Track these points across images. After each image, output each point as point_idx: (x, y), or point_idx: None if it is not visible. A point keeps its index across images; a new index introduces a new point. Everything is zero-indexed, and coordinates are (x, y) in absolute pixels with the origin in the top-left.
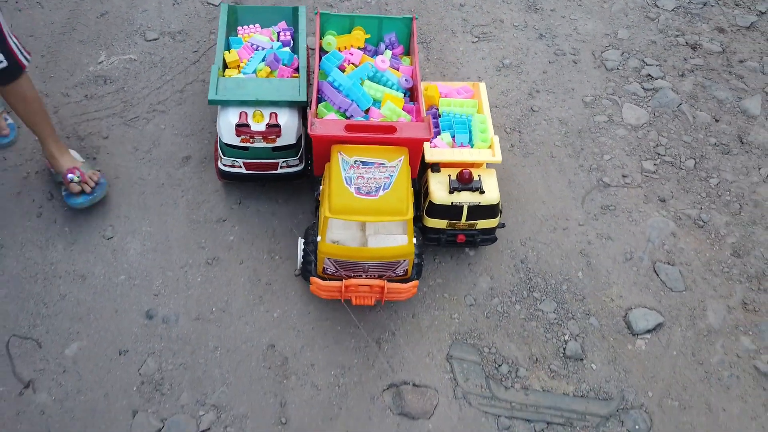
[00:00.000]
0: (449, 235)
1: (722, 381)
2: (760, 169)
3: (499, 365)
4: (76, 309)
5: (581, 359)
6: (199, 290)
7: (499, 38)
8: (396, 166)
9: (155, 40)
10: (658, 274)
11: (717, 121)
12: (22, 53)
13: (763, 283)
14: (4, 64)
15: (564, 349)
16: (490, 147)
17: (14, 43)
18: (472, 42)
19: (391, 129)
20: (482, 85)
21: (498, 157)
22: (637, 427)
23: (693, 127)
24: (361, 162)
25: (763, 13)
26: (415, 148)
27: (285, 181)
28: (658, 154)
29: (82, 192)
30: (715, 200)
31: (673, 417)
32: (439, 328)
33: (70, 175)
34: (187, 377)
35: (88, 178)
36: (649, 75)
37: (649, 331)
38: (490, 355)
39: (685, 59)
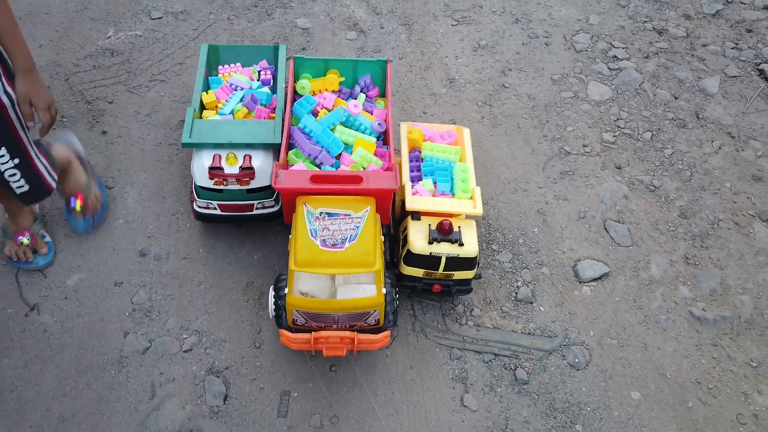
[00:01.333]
0: (425, 283)
1: (659, 324)
2: (712, 141)
3: (455, 305)
4: (77, 246)
5: (531, 302)
6: (188, 234)
7: (477, 22)
8: (362, 216)
9: (159, 18)
10: (608, 231)
11: (676, 98)
12: (50, 174)
13: (705, 241)
14: (25, 188)
15: (516, 293)
16: (471, 198)
17: (42, 164)
18: (452, 25)
19: (357, 179)
20: (466, 131)
21: (479, 210)
22: (576, 360)
23: (653, 103)
24: (327, 213)
25: (729, 2)
26: (383, 197)
27: (261, 222)
28: (618, 127)
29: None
30: (668, 168)
31: (611, 353)
32: None
33: (20, 237)
34: (173, 306)
35: (38, 245)
36: (615, 56)
37: (595, 280)
38: (449, 303)
39: (651, 43)
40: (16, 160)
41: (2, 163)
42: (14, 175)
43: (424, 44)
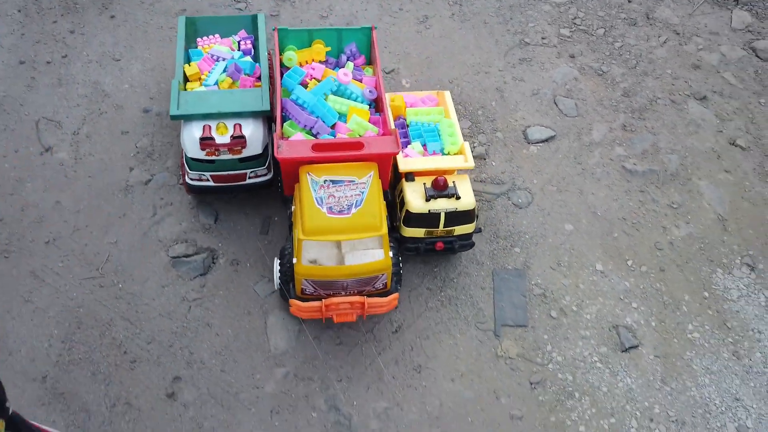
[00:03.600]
0: (427, 243)
1: (595, 175)
2: (659, 37)
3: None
4: (89, 106)
5: (484, 158)
6: None
7: None
8: (366, 182)
9: None
10: (557, 105)
11: (629, 1)
12: None
13: (643, 114)
14: None
15: (472, 150)
16: (460, 152)
17: None
18: None
19: (358, 145)
20: (447, 94)
21: (471, 163)
22: (520, 200)
23: (608, 5)
24: (331, 181)
25: None
26: (384, 162)
27: (254, 191)
28: (575, 24)
29: None
30: (617, 58)
31: (551, 196)
32: None
33: None
34: (172, 151)
35: None
36: None
37: (541, 141)
38: None
39: None
40: None
41: None
42: None
43: None
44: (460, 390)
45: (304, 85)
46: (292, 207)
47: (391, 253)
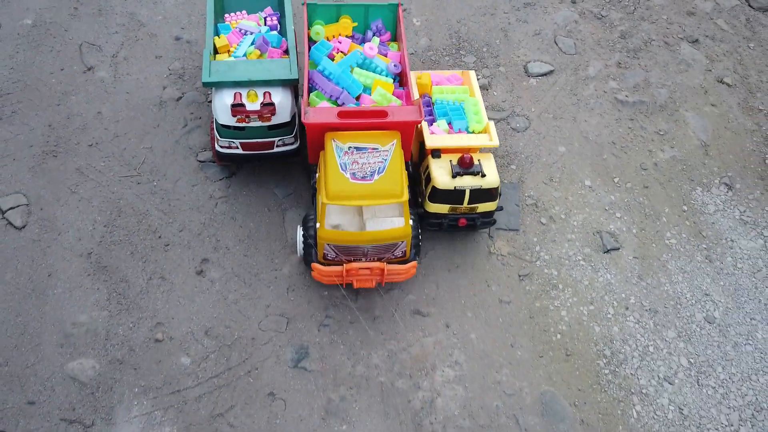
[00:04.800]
0: (451, 219)
1: (589, 105)
2: None
3: None
4: (127, 33)
5: (487, 89)
6: None
7: None
8: (389, 150)
9: None
10: (557, 44)
11: None
12: None
13: (638, 54)
14: None
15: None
16: (485, 131)
17: None
18: None
19: (382, 114)
20: (472, 73)
21: (495, 142)
22: (518, 125)
23: None
24: (355, 147)
25: None
26: (407, 131)
27: (281, 160)
28: None
29: None
30: (616, 4)
31: (547, 122)
32: None
33: None
34: (200, 74)
35: None
36: None
37: (541, 75)
38: None
39: None
40: None
41: None
42: None
43: None
44: (455, 278)
45: (331, 58)
46: (316, 175)
47: (411, 222)
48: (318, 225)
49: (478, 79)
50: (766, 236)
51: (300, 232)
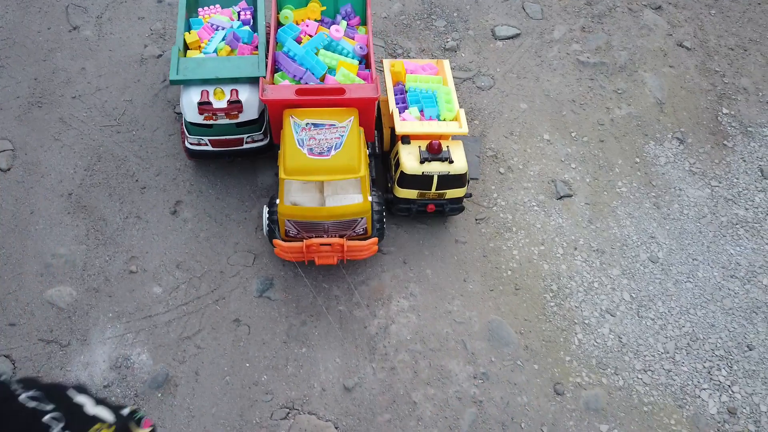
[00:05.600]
0: (419, 205)
1: (552, 66)
2: None
3: (399, 51)
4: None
5: (455, 51)
6: None
7: None
8: (346, 126)
9: None
10: (524, 9)
11: None
12: None
13: (602, 19)
14: None
15: (445, 45)
16: (455, 119)
17: None
18: None
19: (340, 91)
20: (446, 62)
21: (465, 129)
22: (483, 84)
23: None
24: (313, 124)
25: None
26: (365, 109)
27: (251, 156)
28: None
29: None
30: None
31: (511, 81)
32: None
33: None
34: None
35: None
36: None
37: (507, 38)
38: (392, 45)
39: None
40: None
41: None
42: None
43: None
44: (415, 222)
45: (299, 41)
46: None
47: (370, 198)
48: (278, 201)
49: (447, 42)
50: (714, 186)
51: (266, 210)
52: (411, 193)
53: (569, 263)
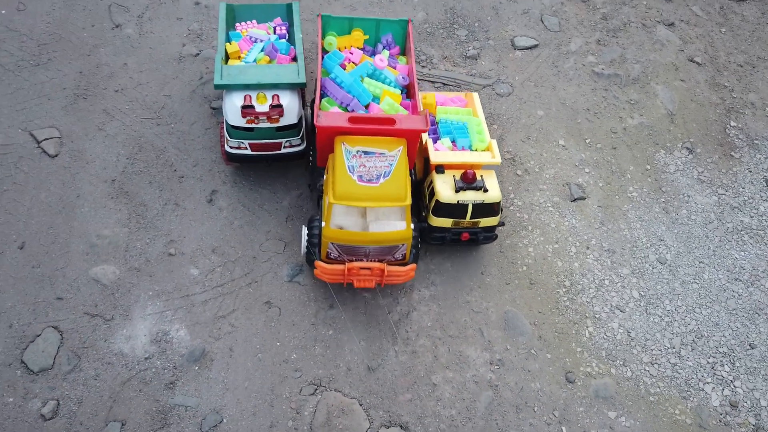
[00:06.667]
0: (453, 233)
1: (568, 76)
2: None
3: (422, 58)
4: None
5: (476, 59)
6: None
7: None
8: (395, 155)
9: None
10: (543, 22)
11: None
12: None
13: (617, 33)
14: None
15: (466, 53)
16: (487, 149)
17: None
18: None
19: (390, 121)
20: (476, 95)
21: (498, 159)
22: (502, 91)
23: None
24: (363, 152)
25: None
26: (412, 139)
27: (288, 161)
28: None
29: None
30: None
31: (529, 90)
32: None
33: None
34: (215, 35)
35: None
36: None
37: (526, 48)
38: (416, 52)
39: None
40: None
41: None
42: None
43: None
44: None
45: (342, 68)
46: (323, 178)
47: (412, 226)
48: (323, 224)
49: (468, 51)
50: (720, 194)
51: (305, 231)
52: (446, 222)
53: (582, 261)
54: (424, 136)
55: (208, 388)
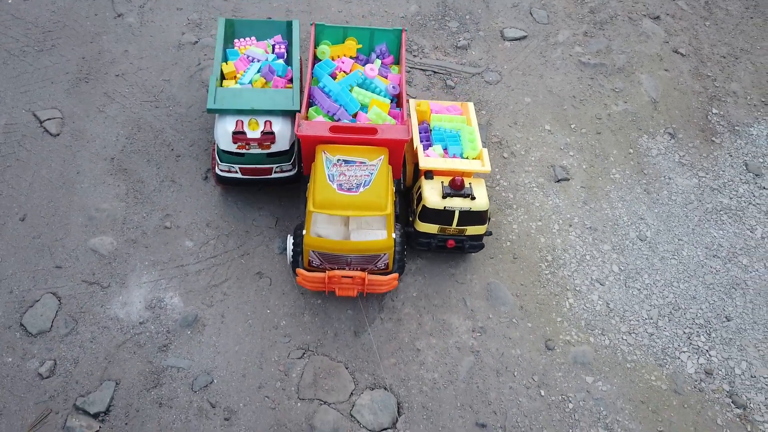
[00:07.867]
0: (439, 240)
1: (555, 65)
2: None
3: (414, 48)
4: None
5: (466, 49)
6: None
7: None
8: (376, 165)
9: None
10: (532, 14)
11: None
12: None
13: (604, 26)
14: None
15: (457, 44)
16: (478, 158)
17: None
18: None
19: (372, 131)
20: (470, 105)
21: (487, 167)
22: (491, 79)
23: None
24: (344, 160)
25: None
26: (395, 149)
27: (279, 186)
28: None
29: None
30: None
31: (517, 78)
32: None
33: None
34: (214, 24)
35: None
36: None
37: (515, 39)
38: (408, 43)
39: None
40: None
41: None
42: None
43: None
44: None
45: (333, 77)
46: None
47: (394, 235)
48: (305, 232)
49: (459, 41)
50: (701, 176)
51: (290, 239)
52: (432, 228)
53: (564, 238)
54: (415, 142)
55: (200, 351)
